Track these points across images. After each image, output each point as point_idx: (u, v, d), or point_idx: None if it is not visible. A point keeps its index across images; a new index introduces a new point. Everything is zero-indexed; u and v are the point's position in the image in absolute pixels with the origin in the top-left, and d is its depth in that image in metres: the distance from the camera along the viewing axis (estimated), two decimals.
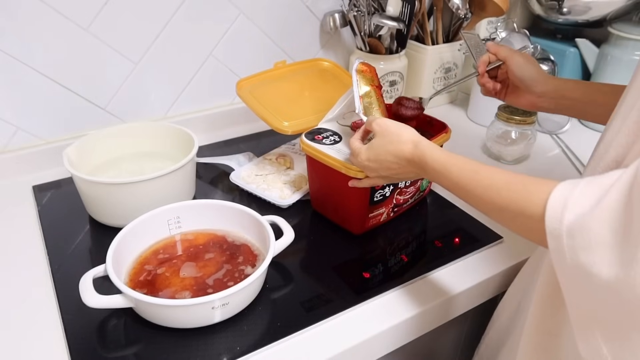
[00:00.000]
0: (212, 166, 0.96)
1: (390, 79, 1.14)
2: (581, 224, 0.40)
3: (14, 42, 0.86)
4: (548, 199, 0.44)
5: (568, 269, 0.42)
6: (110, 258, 0.62)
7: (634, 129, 0.46)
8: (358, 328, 0.64)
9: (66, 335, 0.61)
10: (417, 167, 0.60)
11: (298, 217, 0.83)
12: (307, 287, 0.69)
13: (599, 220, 0.39)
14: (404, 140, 0.61)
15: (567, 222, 0.41)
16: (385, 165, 0.63)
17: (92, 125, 0.99)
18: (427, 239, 0.81)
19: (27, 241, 0.78)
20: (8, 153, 0.93)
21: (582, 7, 1.14)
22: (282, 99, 0.92)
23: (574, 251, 0.40)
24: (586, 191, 0.42)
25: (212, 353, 0.59)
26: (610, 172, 0.42)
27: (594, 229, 0.39)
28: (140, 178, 0.74)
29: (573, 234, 0.41)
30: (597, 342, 0.41)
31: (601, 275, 0.39)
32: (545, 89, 0.76)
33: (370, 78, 0.78)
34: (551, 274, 0.53)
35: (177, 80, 1.05)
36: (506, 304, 0.73)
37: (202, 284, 0.65)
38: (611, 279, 0.38)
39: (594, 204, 0.40)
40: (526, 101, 0.78)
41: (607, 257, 0.38)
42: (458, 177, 0.55)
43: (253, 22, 1.07)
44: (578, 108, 0.75)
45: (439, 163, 0.57)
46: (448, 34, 1.21)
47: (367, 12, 1.07)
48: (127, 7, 0.93)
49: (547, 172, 1.00)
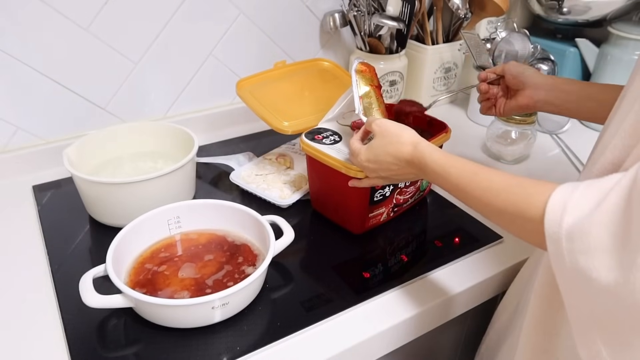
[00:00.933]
0: (212, 166, 0.96)
1: (390, 78, 1.14)
2: (580, 228, 0.40)
3: (14, 42, 0.86)
4: (547, 201, 0.43)
5: (567, 272, 0.41)
6: (110, 258, 0.62)
7: (630, 131, 0.46)
8: (358, 328, 0.64)
9: (66, 335, 0.61)
10: (416, 169, 0.60)
11: (298, 217, 0.83)
12: (307, 287, 0.69)
13: (599, 224, 0.39)
14: (403, 142, 0.61)
15: (566, 226, 0.41)
16: (384, 165, 0.63)
17: (92, 125, 0.99)
18: (427, 238, 0.81)
19: (27, 241, 0.78)
20: (8, 153, 0.93)
21: (582, 7, 1.14)
22: (282, 99, 0.92)
23: (573, 255, 0.40)
24: (586, 194, 0.41)
25: (212, 353, 0.59)
26: (610, 175, 0.42)
27: (593, 232, 0.39)
28: (140, 178, 0.74)
29: (572, 237, 0.40)
30: (597, 346, 0.41)
31: (600, 279, 0.38)
32: (540, 80, 0.76)
33: (370, 78, 0.78)
34: (550, 275, 0.53)
35: (177, 80, 1.05)
36: (506, 304, 0.73)
37: (201, 284, 0.65)
38: (610, 284, 0.38)
39: (594, 208, 0.40)
40: (524, 100, 0.78)
41: (607, 261, 0.38)
42: (457, 178, 0.55)
43: (253, 22, 1.07)
44: (575, 103, 0.75)
45: (438, 165, 0.57)
46: (448, 34, 1.21)
47: (367, 12, 1.07)
48: (127, 7, 0.93)
49: (547, 172, 1.00)
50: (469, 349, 0.84)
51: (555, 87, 0.75)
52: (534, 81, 0.76)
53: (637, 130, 0.46)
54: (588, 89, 0.73)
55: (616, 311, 0.39)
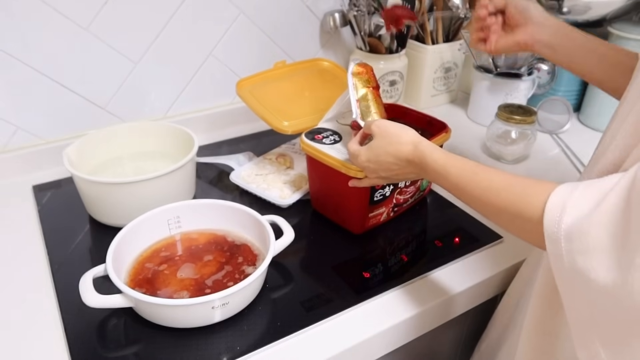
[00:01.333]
0: (212, 166, 0.96)
1: (390, 78, 1.14)
2: (579, 228, 0.40)
3: (14, 42, 0.86)
4: (546, 201, 0.43)
5: (566, 273, 0.41)
6: (110, 258, 0.62)
7: (631, 131, 0.46)
8: (358, 328, 0.64)
9: (66, 335, 0.61)
10: (417, 168, 0.60)
11: (298, 216, 0.83)
12: (307, 286, 0.69)
13: (597, 224, 0.39)
14: (403, 141, 0.61)
15: (565, 226, 0.41)
16: (385, 166, 0.63)
17: (92, 125, 0.99)
18: (427, 238, 0.81)
19: (27, 241, 0.78)
20: (8, 153, 0.93)
21: (582, 7, 1.14)
22: (282, 99, 0.92)
23: (572, 255, 0.40)
24: (585, 194, 0.41)
25: (212, 353, 0.59)
26: (609, 175, 0.42)
27: (592, 233, 0.39)
28: (140, 178, 0.74)
29: (571, 237, 0.40)
30: (596, 347, 0.41)
31: (599, 280, 0.38)
32: (546, 19, 0.70)
33: (367, 79, 0.77)
34: (550, 276, 0.53)
35: (177, 80, 1.05)
36: (506, 303, 0.73)
37: (201, 283, 0.65)
38: (609, 285, 0.38)
39: (593, 208, 0.40)
40: (524, 36, 0.71)
41: (605, 262, 0.38)
42: (457, 178, 0.55)
43: (253, 22, 1.07)
44: (576, 54, 0.69)
45: (439, 164, 0.57)
46: (448, 34, 1.21)
47: (367, 12, 1.07)
48: (127, 6, 0.93)
49: (546, 171, 1.00)
50: (469, 349, 0.84)
51: (561, 31, 0.70)
52: (539, 19, 0.70)
53: (638, 130, 0.46)
54: (594, 43, 0.68)
55: (614, 312, 0.39)
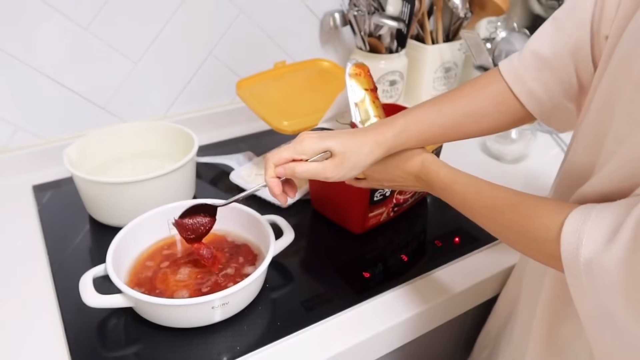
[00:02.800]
0: (212, 166, 0.96)
1: (390, 78, 1.14)
2: (599, 263, 0.39)
3: (14, 42, 0.86)
4: (560, 230, 0.42)
5: (591, 307, 0.41)
6: (110, 257, 0.62)
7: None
8: (358, 328, 0.64)
9: (66, 335, 0.61)
10: (423, 184, 0.60)
11: (298, 217, 0.83)
12: (307, 286, 0.69)
13: (616, 261, 0.38)
14: (410, 156, 0.61)
15: (584, 260, 0.40)
16: (390, 177, 0.63)
17: (92, 125, 0.99)
18: (427, 238, 0.81)
19: (27, 241, 0.78)
20: (8, 153, 0.93)
21: None
22: (282, 99, 0.92)
23: (597, 292, 0.40)
24: (599, 223, 0.40)
25: (212, 353, 0.59)
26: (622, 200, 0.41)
27: (610, 270, 0.38)
28: (140, 178, 0.74)
29: (592, 273, 0.40)
30: None
31: (621, 317, 0.38)
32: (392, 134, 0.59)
33: (365, 81, 0.75)
34: (555, 288, 0.53)
35: (177, 80, 1.05)
36: (502, 304, 0.73)
37: (201, 284, 0.65)
38: (630, 323, 0.38)
39: (608, 240, 0.39)
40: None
41: (624, 300, 0.38)
42: (463, 195, 0.55)
43: (253, 22, 1.07)
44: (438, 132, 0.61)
45: (444, 182, 0.57)
46: (448, 34, 1.21)
47: (367, 12, 1.07)
48: (127, 6, 0.92)
49: (546, 171, 1.00)
50: (469, 349, 0.84)
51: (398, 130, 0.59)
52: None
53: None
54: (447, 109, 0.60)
55: (636, 350, 0.39)
